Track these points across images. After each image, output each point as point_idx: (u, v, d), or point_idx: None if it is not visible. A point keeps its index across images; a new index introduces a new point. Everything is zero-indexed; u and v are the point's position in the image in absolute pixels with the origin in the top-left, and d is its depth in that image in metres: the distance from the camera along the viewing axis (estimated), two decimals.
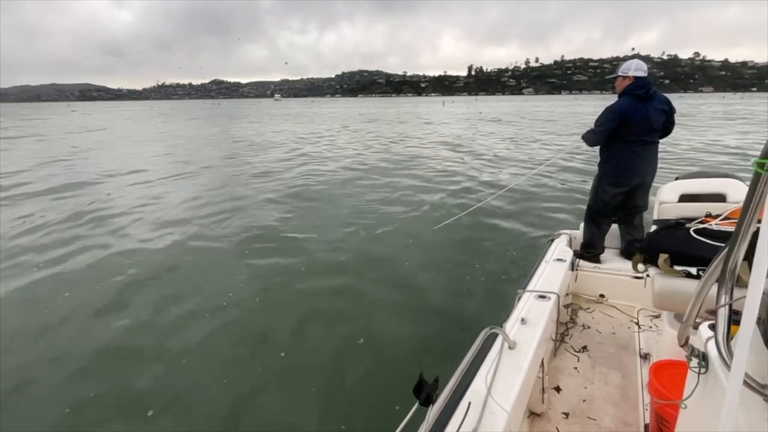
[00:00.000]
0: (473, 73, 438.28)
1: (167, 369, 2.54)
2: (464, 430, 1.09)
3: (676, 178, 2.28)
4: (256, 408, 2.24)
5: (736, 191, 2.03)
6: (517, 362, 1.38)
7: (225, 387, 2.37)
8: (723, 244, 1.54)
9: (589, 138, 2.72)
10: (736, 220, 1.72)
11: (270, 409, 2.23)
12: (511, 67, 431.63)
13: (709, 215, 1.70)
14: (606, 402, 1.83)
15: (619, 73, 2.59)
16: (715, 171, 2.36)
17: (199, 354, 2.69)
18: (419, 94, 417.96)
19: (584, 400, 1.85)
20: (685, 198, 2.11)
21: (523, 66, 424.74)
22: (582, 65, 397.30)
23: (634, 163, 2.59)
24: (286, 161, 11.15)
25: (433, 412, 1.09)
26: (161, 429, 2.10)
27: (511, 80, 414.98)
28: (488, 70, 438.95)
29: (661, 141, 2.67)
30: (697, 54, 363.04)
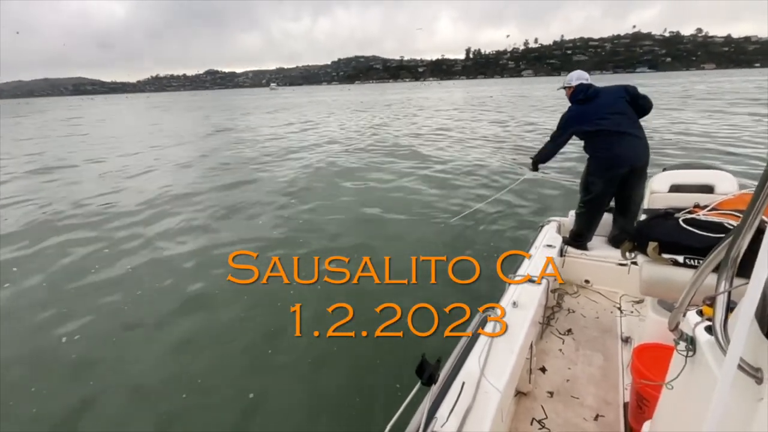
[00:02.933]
0: (471, 56, 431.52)
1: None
2: (459, 409, 1.15)
3: (664, 169, 2.32)
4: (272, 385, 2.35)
5: (724, 183, 2.08)
6: (509, 344, 1.44)
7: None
8: (711, 234, 1.56)
9: (545, 151, 2.93)
10: (724, 211, 1.58)
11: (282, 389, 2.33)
12: (509, 49, 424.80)
13: (697, 206, 1.75)
14: (588, 382, 1.94)
15: (564, 85, 2.90)
16: (703, 163, 2.45)
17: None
18: (417, 79, 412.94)
19: (568, 380, 1.95)
20: (674, 188, 2.16)
21: (522, 47, 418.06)
22: (582, 45, 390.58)
23: (615, 153, 2.63)
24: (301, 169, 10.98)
25: (432, 391, 1.13)
26: None
27: (510, 62, 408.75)
28: (486, 53, 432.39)
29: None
30: (699, 30, 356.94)
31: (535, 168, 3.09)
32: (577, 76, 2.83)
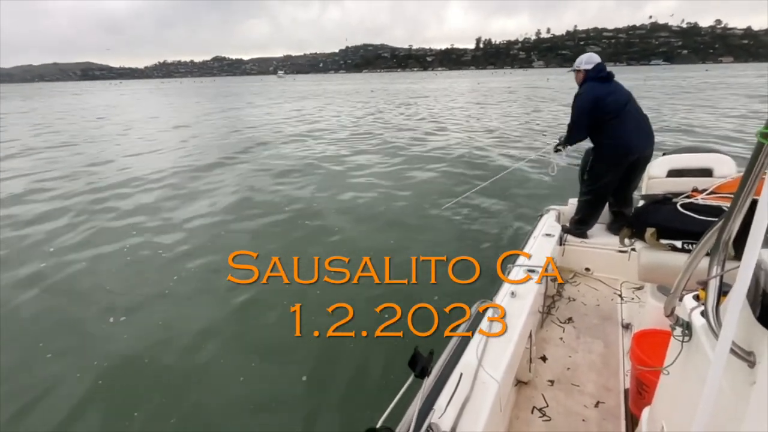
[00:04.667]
0: (481, 45, 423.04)
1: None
2: (456, 400, 1.14)
3: (664, 154, 2.32)
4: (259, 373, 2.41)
5: (723, 166, 2.06)
6: (507, 334, 1.44)
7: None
8: (709, 218, 1.55)
9: (572, 136, 2.77)
10: (722, 195, 1.59)
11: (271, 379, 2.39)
12: (521, 39, 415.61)
13: (695, 190, 1.73)
14: (589, 369, 1.93)
15: (575, 68, 2.77)
16: (702, 147, 2.42)
17: None
18: (425, 69, 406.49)
19: (569, 368, 1.95)
20: (673, 173, 2.14)
21: (533, 37, 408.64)
22: (596, 35, 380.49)
23: (629, 140, 2.58)
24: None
25: (428, 383, 1.13)
26: None
27: (521, 53, 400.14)
28: (497, 42, 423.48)
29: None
30: (718, 21, 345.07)
31: (560, 149, 2.97)
32: (588, 59, 2.71)
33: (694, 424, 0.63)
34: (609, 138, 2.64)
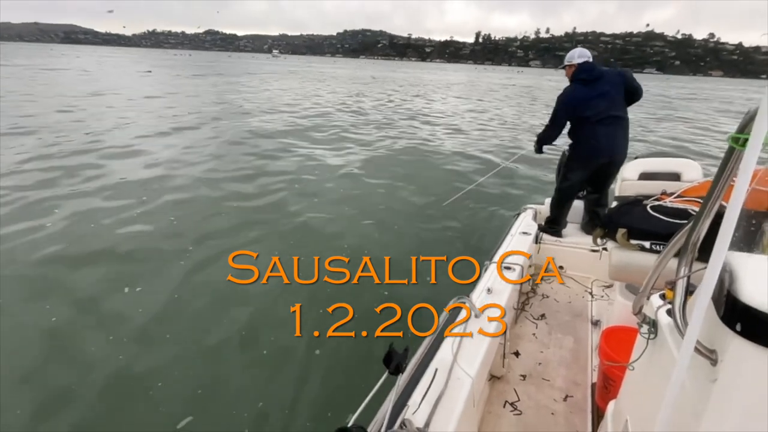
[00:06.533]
0: (480, 40, 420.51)
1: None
2: (430, 396, 1.16)
3: (636, 158, 2.38)
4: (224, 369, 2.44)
5: (691, 171, 2.13)
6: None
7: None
8: (676, 220, 1.59)
9: (548, 134, 2.85)
10: (689, 198, 1.53)
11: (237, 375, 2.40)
12: (520, 37, 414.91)
13: (664, 193, 1.79)
14: (559, 364, 2.00)
15: (566, 63, 2.79)
16: (672, 152, 2.54)
17: None
18: (423, 59, 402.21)
19: (540, 363, 2.01)
20: (644, 176, 2.20)
21: (532, 36, 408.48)
22: (594, 39, 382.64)
23: (600, 143, 2.66)
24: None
25: (402, 379, 1.13)
26: None
27: (519, 51, 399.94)
28: (496, 39, 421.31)
29: None
30: (711, 35, 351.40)
31: (539, 150, 3.07)
32: (579, 54, 2.74)
33: (657, 418, 0.65)
34: (582, 138, 2.73)
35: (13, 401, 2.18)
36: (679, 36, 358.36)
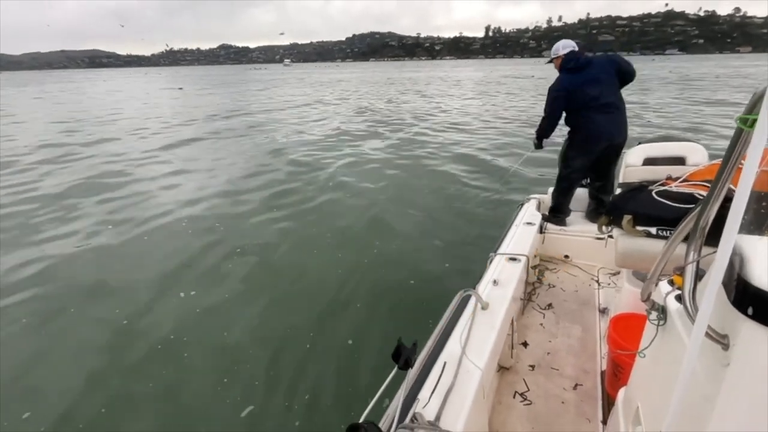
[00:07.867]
0: (491, 34, 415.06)
1: None
2: (440, 389, 1.16)
3: (639, 143, 2.33)
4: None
5: (695, 154, 2.11)
6: (490, 322, 1.47)
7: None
8: (682, 205, 1.57)
9: (544, 127, 2.86)
10: (695, 182, 1.68)
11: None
12: (531, 27, 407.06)
13: (669, 178, 1.76)
14: (568, 353, 1.99)
15: (552, 56, 2.83)
16: (676, 135, 2.45)
17: None
18: (433, 58, 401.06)
19: (548, 353, 2.00)
20: (648, 161, 2.18)
21: (544, 26, 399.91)
22: (609, 24, 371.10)
23: (598, 128, 2.66)
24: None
25: (411, 374, 1.13)
26: None
27: (531, 42, 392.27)
28: (507, 31, 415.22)
29: None
30: (737, 9, 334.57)
31: (539, 145, 3.04)
32: (564, 45, 2.77)
33: (669, 404, 0.65)
34: (580, 125, 2.73)
35: (86, 400, 2.27)
36: (701, 13, 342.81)
